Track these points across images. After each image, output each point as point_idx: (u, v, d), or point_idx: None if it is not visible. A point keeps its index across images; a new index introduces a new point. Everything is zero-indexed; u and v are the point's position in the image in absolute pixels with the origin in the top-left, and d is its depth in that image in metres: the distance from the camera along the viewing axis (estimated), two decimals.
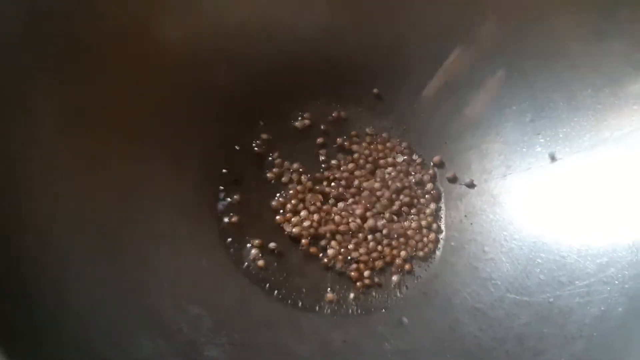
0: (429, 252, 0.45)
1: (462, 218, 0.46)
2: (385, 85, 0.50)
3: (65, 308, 0.32)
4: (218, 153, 0.46)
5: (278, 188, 0.47)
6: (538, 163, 0.44)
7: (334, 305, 0.42)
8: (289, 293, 0.42)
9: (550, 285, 0.38)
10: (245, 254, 0.43)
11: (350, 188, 0.47)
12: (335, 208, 0.46)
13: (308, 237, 0.45)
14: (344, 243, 0.45)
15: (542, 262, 0.40)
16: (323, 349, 0.39)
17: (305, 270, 0.43)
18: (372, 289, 0.43)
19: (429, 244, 0.45)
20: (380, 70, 0.50)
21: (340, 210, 0.46)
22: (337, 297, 0.42)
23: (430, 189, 0.48)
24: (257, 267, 0.43)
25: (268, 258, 0.43)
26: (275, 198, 0.46)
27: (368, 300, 0.42)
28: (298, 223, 0.45)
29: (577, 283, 0.38)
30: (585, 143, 0.42)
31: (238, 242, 0.44)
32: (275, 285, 0.42)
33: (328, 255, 0.44)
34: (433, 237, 0.45)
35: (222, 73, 0.47)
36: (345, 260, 0.44)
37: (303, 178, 0.47)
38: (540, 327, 0.37)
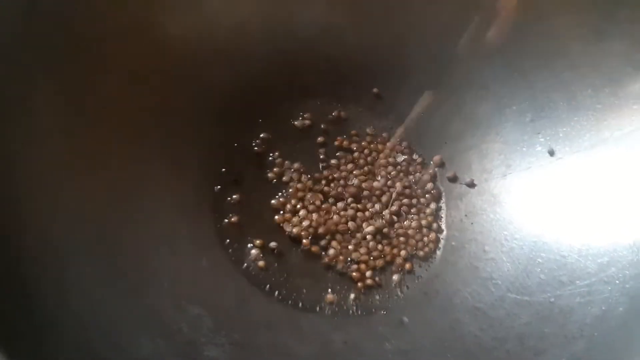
0: (430, 251, 0.45)
1: (462, 217, 0.46)
2: (385, 85, 0.50)
3: (65, 308, 0.32)
4: (218, 153, 0.46)
5: (278, 188, 0.47)
6: (538, 162, 0.44)
7: (335, 306, 0.42)
8: (290, 293, 0.42)
9: (551, 285, 0.38)
10: (246, 254, 0.43)
11: (350, 188, 0.47)
12: (335, 207, 0.46)
13: (308, 237, 0.44)
14: (344, 243, 0.45)
15: (542, 261, 0.40)
16: (323, 350, 0.39)
17: (306, 271, 0.43)
18: (372, 289, 0.43)
19: (430, 244, 0.45)
20: (380, 70, 0.50)
21: (339, 210, 0.46)
22: (337, 297, 0.42)
23: (431, 189, 0.48)
24: (257, 267, 0.43)
25: (268, 258, 0.43)
26: (276, 197, 0.46)
27: (369, 301, 0.42)
28: (297, 223, 0.45)
29: (577, 283, 0.38)
30: (586, 143, 0.42)
31: (238, 242, 0.44)
32: (276, 286, 0.42)
33: (329, 255, 0.44)
34: (433, 236, 0.45)
35: (222, 73, 0.47)
36: (346, 260, 0.44)
37: (303, 178, 0.47)
38: (541, 326, 0.37)
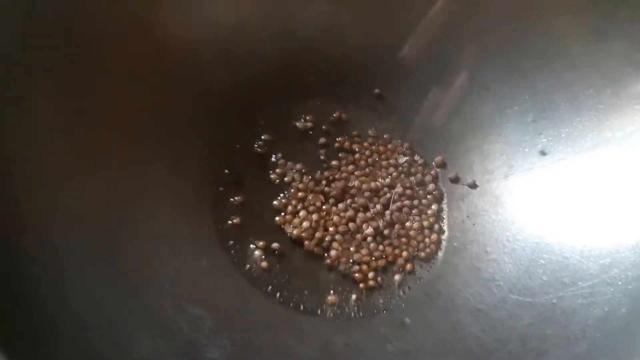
0: (431, 252, 0.45)
1: (464, 219, 0.45)
2: (386, 85, 0.50)
3: (65, 308, 0.32)
4: (218, 153, 0.46)
5: (280, 188, 0.47)
6: (540, 163, 0.44)
7: (336, 308, 0.42)
8: (291, 295, 0.42)
9: (553, 286, 0.38)
10: (248, 256, 0.43)
11: (351, 189, 0.47)
12: (335, 208, 0.46)
13: (309, 238, 0.44)
14: (345, 244, 0.45)
15: (544, 262, 0.40)
16: (324, 351, 0.39)
17: (308, 272, 0.43)
18: (374, 290, 0.43)
19: (431, 245, 0.45)
20: (381, 71, 0.50)
21: (340, 211, 0.46)
22: (339, 299, 0.42)
23: (432, 190, 0.47)
24: (260, 268, 0.43)
25: (271, 259, 0.43)
26: (278, 199, 0.46)
27: (370, 302, 0.42)
28: (298, 225, 0.45)
29: (580, 284, 0.37)
30: (588, 143, 0.42)
31: (240, 243, 0.44)
32: (277, 287, 0.42)
33: (331, 257, 0.44)
34: (435, 237, 0.45)
35: (222, 73, 0.47)
36: (348, 262, 0.44)
37: (305, 179, 0.47)
38: (543, 328, 0.36)
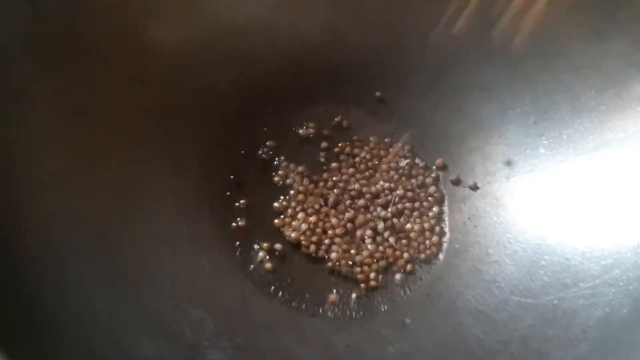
0: (432, 254, 0.44)
1: (465, 220, 0.45)
2: (387, 87, 0.50)
3: (65, 308, 0.32)
4: (218, 153, 0.46)
5: (282, 191, 0.47)
6: (542, 165, 0.44)
7: (337, 308, 0.42)
8: (293, 297, 0.42)
9: (555, 288, 0.38)
10: (251, 257, 0.43)
11: (351, 191, 0.47)
12: (334, 211, 0.46)
13: (307, 241, 0.44)
14: (346, 246, 0.44)
15: (546, 264, 0.40)
16: (326, 353, 0.39)
17: (309, 274, 0.43)
18: (375, 291, 0.43)
19: (432, 247, 0.45)
20: (382, 72, 0.50)
21: (339, 213, 0.46)
22: (340, 298, 0.42)
23: (434, 192, 0.47)
24: (263, 270, 0.43)
25: (274, 261, 0.43)
26: (278, 201, 0.46)
27: (371, 302, 0.42)
28: (296, 227, 0.45)
29: (581, 285, 0.37)
30: (589, 144, 0.42)
31: (242, 244, 0.44)
32: (279, 289, 0.42)
33: (332, 259, 0.44)
34: (436, 239, 0.45)
35: (222, 73, 0.46)
36: (349, 264, 0.44)
37: (305, 181, 0.47)
38: (545, 329, 0.36)
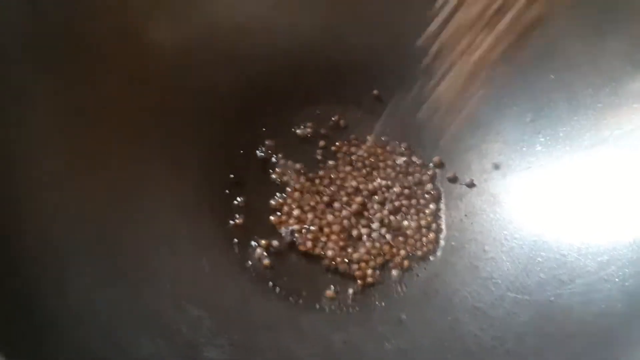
0: (429, 251, 0.45)
1: (462, 217, 0.45)
2: (385, 87, 0.50)
3: (65, 308, 0.32)
4: (218, 153, 0.46)
5: (280, 188, 0.47)
6: (538, 162, 0.44)
7: (334, 304, 0.42)
8: (290, 294, 0.42)
9: (551, 284, 0.38)
10: (249, 255, 0.43)
11: (348, 189, 0.47)
12: (331, 208, 0.46)
13: (302, 239, 0.44)
14: (342, 243, 0.45)
15: (542, 260, 0.40)
16: (324, 351, 0.39)
17: (306, 271, 0.43)
18: (372, 287, 0.43)
19: (429, 244, 0.45)
20: (380, 71, 0.50)
21: (335, 211, 0.46)
22: (337, 294, 0.42)
23: (430, 189, 0.47)
24: (261, 267, 0.43)
25: (272, 257, 0.43)
26: (275, 198, 0.46)
27: (368, 299, 0.42)
28: (292, 224, 0.45)
29: (577, 281, 0.37)
30: (586, 142, 0.42)
31: (240, 242, 0.44)
32: (277, 284, 0.42)
33: (328, 256, 0.44)
34: (433, 236, 0.45)
35: (222, 73, 0.46)
36: (345, 261, 0.44)
37: (302, 179, 0.47)
38: (541, 325, 0.37)
